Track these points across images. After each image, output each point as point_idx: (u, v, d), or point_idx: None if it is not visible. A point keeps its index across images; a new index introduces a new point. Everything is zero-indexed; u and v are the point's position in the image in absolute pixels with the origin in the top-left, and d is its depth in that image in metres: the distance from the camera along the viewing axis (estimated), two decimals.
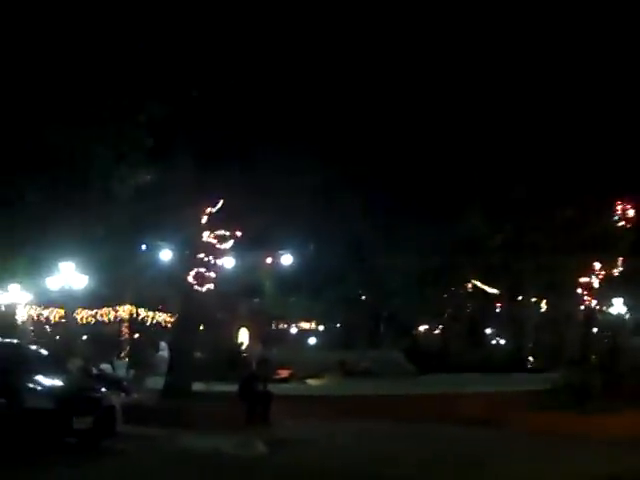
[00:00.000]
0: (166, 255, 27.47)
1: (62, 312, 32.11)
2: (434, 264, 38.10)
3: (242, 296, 29.95)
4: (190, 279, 17.13)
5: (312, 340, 40.95)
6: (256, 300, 35.14)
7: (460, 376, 24.83)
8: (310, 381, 24.47)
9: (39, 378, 13.36)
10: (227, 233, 17.47)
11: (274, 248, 35.23)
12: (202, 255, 17.23)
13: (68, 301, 29.49)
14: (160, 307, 32.97)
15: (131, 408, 16.60)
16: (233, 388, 17.50)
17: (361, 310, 40.36)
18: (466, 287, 42.72)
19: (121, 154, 18.01)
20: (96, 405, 13.34)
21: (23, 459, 11.63)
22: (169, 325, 34.08)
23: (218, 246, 17.37)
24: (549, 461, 11.86)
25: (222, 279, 29.46)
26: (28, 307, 29.83)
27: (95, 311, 33.89)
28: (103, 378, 27.41)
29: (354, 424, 16.55)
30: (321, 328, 43.60)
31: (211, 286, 17.31)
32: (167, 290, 29.29)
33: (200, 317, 18.26)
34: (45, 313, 32.14)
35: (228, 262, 32.60)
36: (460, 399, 18.36)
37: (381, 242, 37.30)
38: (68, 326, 32.80)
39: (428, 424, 16.52)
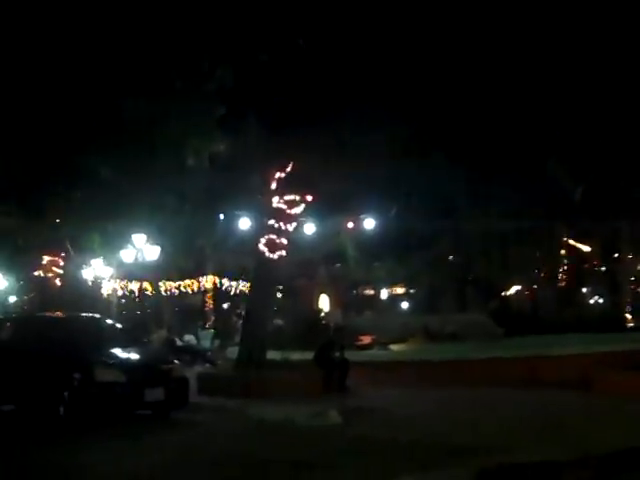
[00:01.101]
0: (245, 224, 27.54)
1: (146, 285, 32.71)
2: (524, 224, 37.13)
3: (323, 262, 29.78)
4: (261, 246, 16.89)
5: (399, 305, 40.56)
6: (337, 265, 34.94)
7: (551, 337, 23.92)
8: (393, 347, 24.09)
9: (112, 352, 13.56)
10: (297, 197, 17.08)
11: (355, 212, 34.87)
12: (272, 221, 16.93)
13: (148, 274, 30.04)
14: (242, 276, 33.11)
15: (206, 379, 16.71)
16: (311, 356, 17.34)
17: (447, 273, 39.60)
18: (559, 246, 41.44)
19: (194, 124, 17.87)
20: (167, 377, 13.41)
21: (94, 431, 11.83)
22: None
23: (288, 211, 17.05)
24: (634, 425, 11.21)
25: (301, 245, 29.55)
26: (112, 280, 30.39)
27: (178, 283, 34.39)
28: (187, 349, 28.13)
29: (435, 390, 16.13)
30: (409, 292, 43.08)
31: (283, 253, 17.04)
32: (247, 259, 29.38)
33: (273, 285, 18.09)
34: (130, 286, 32.77)
35: (308, 228, 32.67)
36: (547, 361, 17.62)
37: (467, 202, 36.40)
38: (153, 298, 33.55)
39: (512, 389, 15.94)
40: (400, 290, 42.67)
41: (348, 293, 35.93)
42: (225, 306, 36.67)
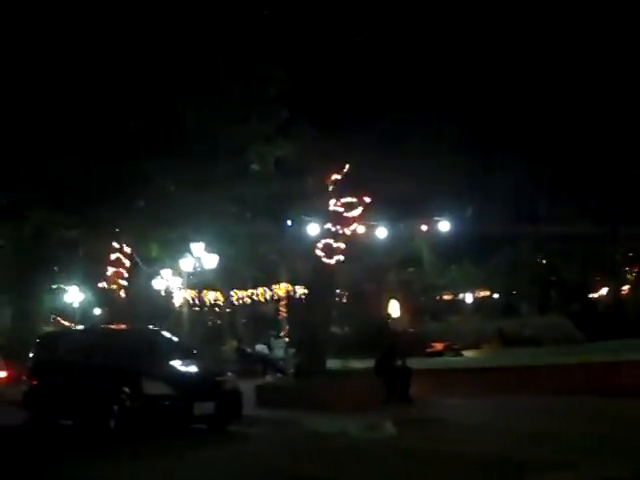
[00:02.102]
0: (313, 229, 27.15)
1: (217, 294, 32.71)
2: (607, 223, 35.72)
3: (395, 266, 29.17)
4: (318, 251, 16.44)
5: (478, 309, 39.52)
6: (410, 270, 34.22)
7: (637, 341, 22.67)
8: (466, 353, 23.28)
9: (163, 365, 13.35)
10: (354, 200, 16.56)
11: (429, 215, 34.12)
12: (329, 225, 16.46)
13: (217, 283, 30.01)
14: None
15: (264, 390, 16.35)
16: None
17: (528, 276, 38.41)
18: None
19: (256, 129, 17.66)
20: (218, 390, 13.16)
21: (144, 445, 11.60)
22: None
23: (345, 214, 16.53)
24: None
25: (373, 249, 29.01)
26: (183, 290, 30.45)
27: (251, 291, 34.27)
28: (258, 359, 27.95)
29: (502, 399, 15.37)
30: (487, 296, 41.99)
31: (340, 257, 16.54)
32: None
33: (330, 291, 17.58)
34: (201, 296, 32.82)
35: (380, 232, 32.08)
36: (628, 367, 16.54)
37: (548, 203, 35.16)
38: (225, 308, 33.55)
39: (584, 397, 15.02)
40: (481, 294, 41.60)
41: (421, 298, 35.17)
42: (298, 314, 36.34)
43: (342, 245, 16.57)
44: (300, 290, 35.97)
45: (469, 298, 42.62)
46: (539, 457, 9.65)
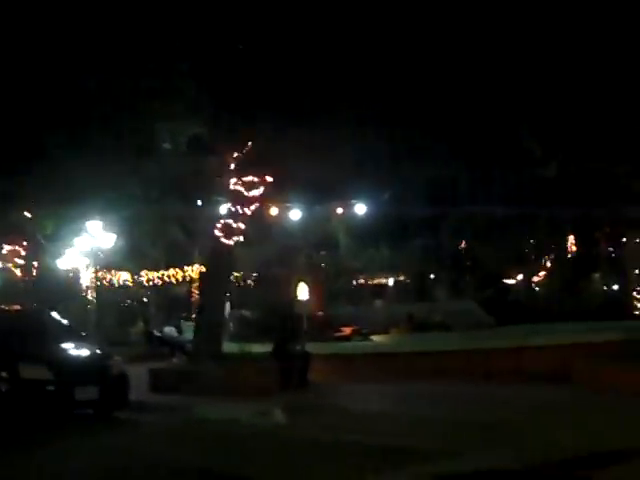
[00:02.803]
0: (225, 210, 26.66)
1: (126, 275, 31.84)
2: (525, 209, 36.16)
3: (306, 249, 28.84)
4: (216, 231, 15.91)
5: (389, 294, 39.55)
6: (322, 253, 33.92)
7: (544, 326, 22.90)
8: (375, 338, 23.09)
9: (44, 348, 12.68)
10: (255, 179, 16.08)
11: (346, 198, 33.93)
12: (229, 205, 15.95)
13: (127, 263, 29.25)
14: None
15: (158, 375, 15.85)
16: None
17: (442, 260, 38.56)
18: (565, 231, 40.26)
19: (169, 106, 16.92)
20: (103, 374, 12.56)
21: (22, 432, 11.04)
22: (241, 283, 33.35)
23: (246, 194, 16.04)
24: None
25: (287, 232, 28.63)
26: (90, 271, 29.51)
27: (162, 272, 33.43)
28: (166, 341, 27.31)
29: (403, 385, 15.25)
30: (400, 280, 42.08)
31: (240, 238, 16.07)
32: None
33: (228, 272, 17.10)
34: (108, 276, 31.87)
35: (294, 214, 31.72)
36: (528, 353, 16.61)
37: (466, 187, 35.45)
38: (133, 289, 32.72)
39: (487, 382, 15.04)
40: (397, 278, 41.64)
41: (333, 282, 34.89)
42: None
43: (242, 225, 16.08)
44: None
45: (384, 282, 42.62)
46: (427, 445, 9.41)
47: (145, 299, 33.99)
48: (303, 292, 27.08)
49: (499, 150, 23.99)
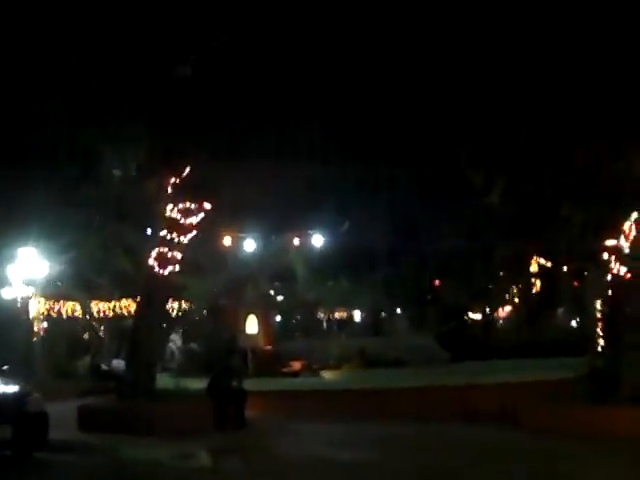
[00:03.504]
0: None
1: (74, 305, 30.88)
2: (484, 241, 36.03)
3: (258, 281, 28.19)
4: (151, 260, 15.26)
5: (346, 328, 38.98)
6: (276, 284, 33.28)
7: (499, 363, 22.52)
8: (325, 374, 22.50)
9: None
10: (193, 206, 15.49)
11: (303, 228, 33.52)
12: (164, 232, 15.31)
13: (75, 293, 28.45)
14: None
15: (87, 412, 15.12)
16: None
17: (404, 294, 38.13)
18: (527, 265, 40.04)
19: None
20: (18, 412, 11.79)
21: None
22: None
23: (183, 221, 15.42)
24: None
25: (236, 263, 28.03)
26: (38, 301, 28.61)
27: (114, 303, 32.51)
28: (112, 375, 26.39)
29: (347, 425, 14.67)
30: (350, 315, 41.61)
31: (175, 267, 15.43)
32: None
33: (163, 303, 16.39)
34: (57, 306, 30.88)
35: (248, 245, 31.17)
36: (477, 391, 16.05)
37: (428, 219, 35.29)
38: (82, 320, 31.74)
39: (428, 422, 14.60)
40: (352, 312, 41.18)
41: (290, 315, 34.30)
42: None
43: (178, 255, 15.45)
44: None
45: (342, 316, 42.06)
46: None
47: (96, 331, 32.98)
48: (252, 325, 26.66)
49: (448, 180, 23.78)
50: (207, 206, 15.74)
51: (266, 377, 20.55)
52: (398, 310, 43.16)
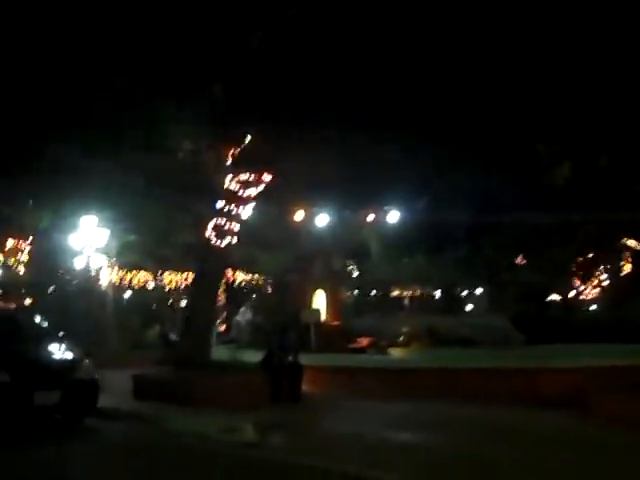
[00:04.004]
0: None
1: (147, 275, 31.19)
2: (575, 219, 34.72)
3: (329, 256, 27.73)
4: (208, 232, 14.98)
5: (415, 305, 38.17)
6: (349, 261, 32.85)
7: (578, 347, 21.42)
8: (393, 351, 21.94)
9: (7, 350, 11.88)
10: (251, 177, 15.10)
11: (378, 204, 32.91)
12: (222, 204, 14.98)
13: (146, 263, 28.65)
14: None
15: (142, 381, 15.02)
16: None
17: (483, 272, 37.13)
18: (615, 245, 38.52)
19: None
20: (64, 378, 11.74)
21: None
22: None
23: (241, 193, 15.07)
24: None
25: (303, 237, 27.63)
26: (110, 270, 28.93)
27: (186, 274, 32.67)
28: (171, 343, 26.46)
29: (408, 404, 14.14)
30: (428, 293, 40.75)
31: (233, 239, 15.10)
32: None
33: (219, 276, 16.13)
34: (128, 276, 31.26)
35: (321, 219, 30.71)
36: (547, 375, 15.25)
37: (509, 197, 34.02)
38: (156, 291, 32.07)
39: (493, 405, 13.87)
40: (426, 290, 40.38)
41: (363, 292, 33.79)
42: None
43: (236, 226, 15.11)
44: (241, 276, 34.58)
45: (415, 294, 41.39)
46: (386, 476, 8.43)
47: (167, 302, 33.28)
48: (319, 301, 26.26)
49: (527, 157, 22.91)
50: (267, 177, 15.32)
51: (331, 353, 20.15)
52: (478, 289, 42.37)
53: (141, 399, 14.54)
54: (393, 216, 32.95)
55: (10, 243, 21.34)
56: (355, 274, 34.21)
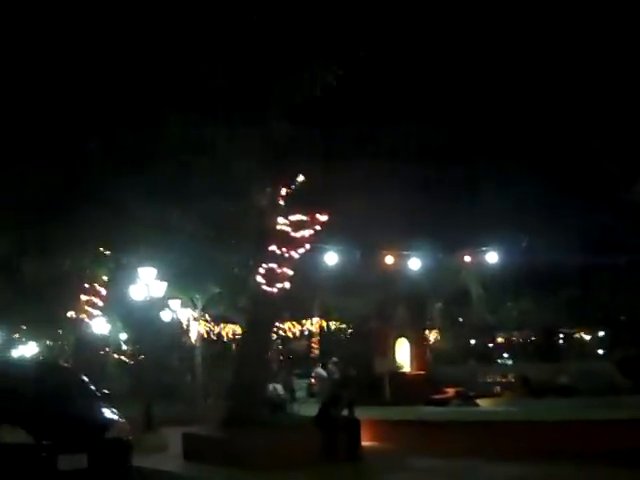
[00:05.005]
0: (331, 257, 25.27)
1: (236, 328, 30.66)
2: None
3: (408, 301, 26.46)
4: (258, 277, 14.17)
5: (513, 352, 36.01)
6: (439, 305, 31.32)
7: None
8: (481, 402, 20.39)
9: (31, 407, 11.33)
10: (304, 218, 14.28)
11: (475, 245, 31.56)
12: (273, 247, 14.17)
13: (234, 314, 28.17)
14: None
15: (191, 440, 14.25)
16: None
17: (592, 314, 34.80)
18: None
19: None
20: (93, 438, 11.04)
21: None
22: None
23: (293, 234, 14.23)
24: None
25: (381, 283, 26.53)
26: (198, 322, 28.69)
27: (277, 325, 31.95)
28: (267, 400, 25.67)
29: (481, 463, 12.81)
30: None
31: (285, 285, 14.24)
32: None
33: (270, 325, 15.22)
34: (217, 329, 30.90)
35: (414, 263, 29.50)
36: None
37: (619, 233, 31.81)
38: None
39: (583, 462, 12.20)
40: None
41: (459, 339, 31.99)
42: None
43: (289, 271, 14.27)
44: (334, 325, 33.63)
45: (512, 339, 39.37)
46: None
47: None
48: (402, 349, 25.03)
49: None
50: (322, 218, 14.46)
51: (410, 404, 18.87)
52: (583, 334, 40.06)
53: (191, 459, 13.78)
54: (492, 257, 31.48)
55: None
56: (455, 320, 32.59)
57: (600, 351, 38.46)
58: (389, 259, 27.80)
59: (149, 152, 15.80)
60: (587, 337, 40.12)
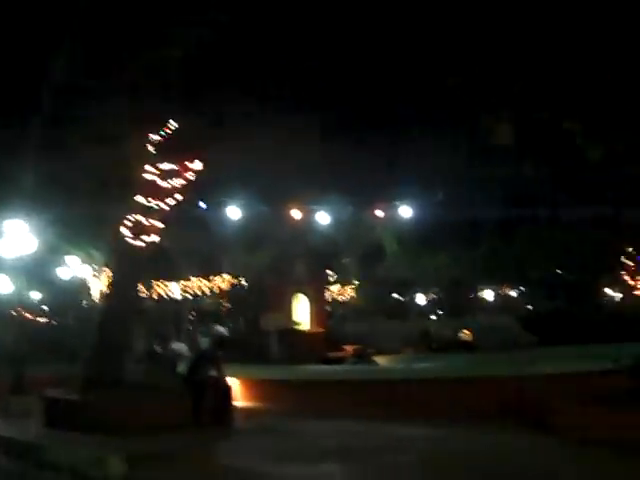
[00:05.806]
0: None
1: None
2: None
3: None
4: (123, 229, 13.34)
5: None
6: (346, 260, 30.96)
7: (591, 348, 19.13)
8: (379, 359, 20.04)
9: None
10: (175, 167, 13.47)
11: (387, 200, 31.29)
12: (140, 197, 13.34)
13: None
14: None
15: (52, 405, 13.52)
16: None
17: (515, 270, 34.86)
18: None
19: None
20: None
21: None
22: None
23: (162, 184, 13.40)
24: None
25: (287, 239, 26.02)
26: (97, 280, 27.75)
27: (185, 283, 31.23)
28: (168, 359, 25.04)
29: (356, 424, 12.45)
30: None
31: (154, 238, 13.47)
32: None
33: (136, 280, 14.40)
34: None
35: (322, 217, 29.02)
36: (517, 384, 13.13)
37: (542, 187, 31.62)
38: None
39: (448, 423, 12.06)
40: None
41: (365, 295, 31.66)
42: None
43: (158, 223, 13.49)
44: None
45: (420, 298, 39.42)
46: None
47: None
48: (301, 306, 24.55)
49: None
50: (196, 166, 13.65)
51: (303, 363, 18.44)
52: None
53: (51, 426, 13.05)
54: (405, 211, 31.23)
55: None
56: (368, 276, 32.05)
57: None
58: (296, 213, 27.31)
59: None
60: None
